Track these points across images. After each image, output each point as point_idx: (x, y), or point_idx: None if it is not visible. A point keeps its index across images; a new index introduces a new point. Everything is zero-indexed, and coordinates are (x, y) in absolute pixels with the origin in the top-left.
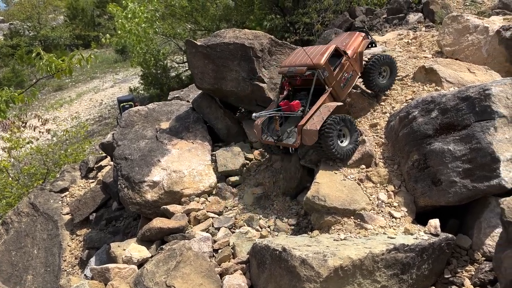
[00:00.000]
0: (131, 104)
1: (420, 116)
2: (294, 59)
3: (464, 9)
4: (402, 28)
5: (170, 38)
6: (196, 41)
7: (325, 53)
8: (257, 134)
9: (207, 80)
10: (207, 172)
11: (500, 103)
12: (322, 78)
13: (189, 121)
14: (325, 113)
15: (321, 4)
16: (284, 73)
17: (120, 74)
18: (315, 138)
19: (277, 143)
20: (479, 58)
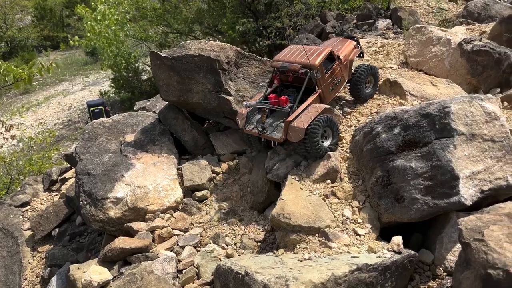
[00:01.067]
0: (101, 108)
1: (383, 132)
2: (288, 55)
3: (431, 16)
4: (372, 34)
5: (141, 41)
6: (160, 52)
7: (320, 54)
8: (240, 122)
9: (173, 93)
10: (173, 187)
11: (459, 120)
12: (314, 79)
13: (155, 133)
14: (313, 113)
15: (293, 8)
16: (277, 67)
17: (90, 76)
18: (301, 136)
19: (261, 135)
20: (442, 70)
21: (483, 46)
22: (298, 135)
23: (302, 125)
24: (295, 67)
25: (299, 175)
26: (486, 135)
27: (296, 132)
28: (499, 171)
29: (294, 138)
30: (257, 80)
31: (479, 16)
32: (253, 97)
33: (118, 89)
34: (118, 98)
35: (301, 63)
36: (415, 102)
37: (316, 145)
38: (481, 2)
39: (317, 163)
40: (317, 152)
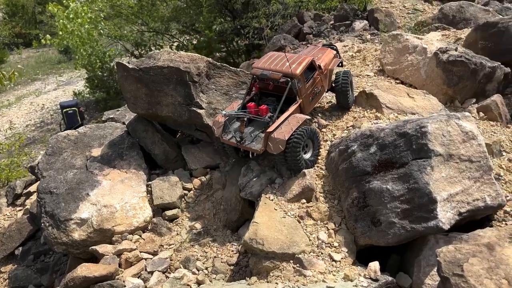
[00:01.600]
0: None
1: (359, 150)
2: (269, 63)
3: (407, 17)
4: (349, 36)
5: (116, 40)
6: (127, 63)
7: (302, 63)
8: (216, 130)
9: (141, 105)
10: (142, 205)
11: (436, 141)
12: (295, 88)
13: (123, 147)
14: (294, 124)
15: (270, 8)
16: (257, 75)
17: (64, 75)
18: (282, 148)
19: (240, 145)
20: (418, 79)
21: (458, 57)
22: (279, 146)
23: (283, 137)
24: (276, 75)
25: (274, 193)
26: (464, 155)
27: (276, 144)
28: (476, 192)
29: (274, 149)
30: (230, 91)
31: (454, 18)
32: (231, 105)
33: (93, 89)
34: (93, 99)
35: (282, 71)
36: (391, 115)
37: (297, 158)
38: (455, 4)
39: (291, 181)
40: (297, 165)
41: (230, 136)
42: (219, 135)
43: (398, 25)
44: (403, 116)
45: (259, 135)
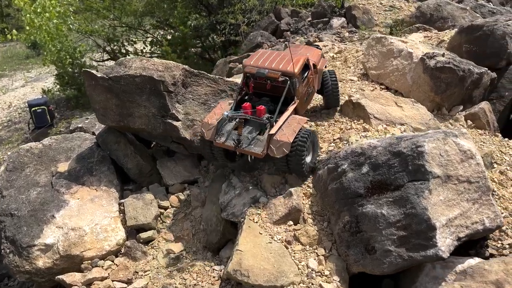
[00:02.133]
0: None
1: (350, 170)
2: (263, 61)
3: (384, 14)
4: (327, 33)
5: (87, 35)
6: (96, 71)
7: (298, 62)
8: (206, 133)
9: (111, 117)
10: (114, 227)
11: (433, 161)
12: (293, 88)
13: (93, 161)
14: (296, 126)
15: (247, 3)
16: (252, 74)
17: (32, 71)
18: (286, 151)
19: (238, 149)
20: (404, 84)
21: (446, 63)
22: (283, 150)
23: (287, 139)
24: (274, 74)
25: (258, 214)
26: (462, 176)
27: (280, 147)
28: (475, 214)
29: (277, 153)
30: (209, 100)
31: (432, 17)
32: (218, 105)
33: (63, 86)
34: (64, 96)
35: (280, 70)
36: (380, 126)
37: (301, 162)
38: (433, 3)
39: (277, 201)
40: (301, 169)
41: (224, 139)
42: (211, 138)
43: (375, 23)
44: (392, 128)
45: (257, 137)
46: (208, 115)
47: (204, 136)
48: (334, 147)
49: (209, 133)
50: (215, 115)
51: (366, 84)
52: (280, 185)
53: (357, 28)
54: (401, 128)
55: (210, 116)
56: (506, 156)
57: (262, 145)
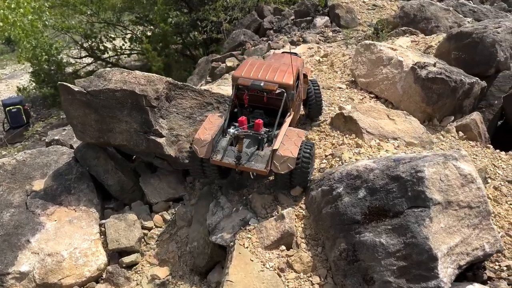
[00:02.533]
0: (19, 108)
1: (346, 194)
2: (255, 72)
3: (368, 13)
4: (311, 32)
5: (63, 32)
6: (72, 85)
7: (292, 72)
8: (199, 150)
9: (90, 133)
10: (94, 250)
11: (434, 187)
12: (289, 100)
13: (71, 178)
14: (296, 140)
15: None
16: (246, 86)
17: (7, 68)
18: (291, 167)
19: (239, 166)
20: (394, 94)
21: (438, 74)
22: (287, 165)
23: (291, 154)
24: (271, 86)
25: (248, 238)
26: (463, 202)
27: (284, 163)
28: (475, 240)
29: (282, 169)
30: (194, 114)
31: (415, 17)
32: (207, 120)
33: (39, 84)
34: (40, 94)
35: (276, 82)
36: (372, 141)
37: (307, 176)
38: (416, 3)
39: (268, 223)
40: (306, 183)
41: (220, 156)
42: (207, 155)
43: (359, 22)
44: (385, 143)
45: (257, 153)
46: (200, 131)
47: (198, 154)
48: (327, 164)
49: (203, 150)
50: (207, 130)
51: (355, 93)
52: (271, 205)
53: (340, 27)
54: (394, 143)
55: (201, 132)
56: (499, 170)
57: (264, 161)
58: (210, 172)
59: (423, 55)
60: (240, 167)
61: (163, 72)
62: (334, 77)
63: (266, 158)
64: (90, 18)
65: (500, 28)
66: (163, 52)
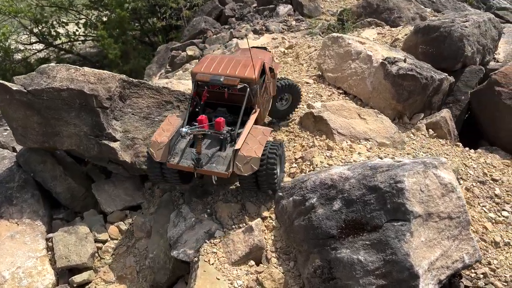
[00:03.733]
0: None
1: (320, 205)
2: (215, 67)
3: (330, 2)
4: (274, 21)
5: (10, 16)
6: (10, 83)
7: (256, 66)
8: (155, 154)
9: (33, 138)
10: (41, 269)
11: (414, 198)
12: (253, 96)
13: (13, 186)
14: (261, 138)
15: None
16: (206, 82)
17: None
18: (255, 168)
19: (198, 170)
20: (363, 90)
21: (409, 70)
22: (251, 166)
23: (254, 154)
24: (232, 81)
25: (214, 253)
26: (443, 213)
27: (247, 164)
28: (455, 252)
29: (245, 170)
30: (152, 114)
31: (378, 7)
32: (166, 121)
33: None
34: None
35: (237, 76)
36: (344, 143)
37: (273, 177)
38: None
39: (236, 236)
40: (273, 186)
41: (178, 159)
42: (163, 159)
43: (322, 11)
44: (357, 144)
45: (218, 154)
46: (156, 133)
47: (154, 158)
48: (297, 169)
49: (160, 154)
50: (164, 131)
51: (323, 88)
52: (239, 215)
53: (303, 16)
54: (366, 144)
55: (158, 133)
56: (470, 169)
57: (225, 162)
58: (170, 176)
59: (391, 49)
60: (199, 170)
61: (120, 60)
62: (300, 70)
63: (228, 160)
64: (39, 1)
65: (468, 22)
66: (119, 39)
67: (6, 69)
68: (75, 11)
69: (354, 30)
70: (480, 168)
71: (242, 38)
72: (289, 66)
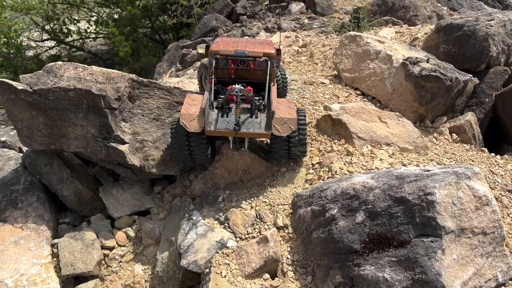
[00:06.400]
0: None
1: (341, 217)
2: (233, 45)
3: (343, 0)
4: (286, 19)
5: (23, 13)
6: (16, 82)
7: (270, 44)
8: (189, 125)
9: (39, 139)
10: (45, 277)
11: (446, 212)
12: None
13: (18, 189)
14: (290, 105)
15: None
16: (230, 55)
17: None
18: (293, 128)
19: (239, 133)
20: (383, 91)
21: (433, 71)
22: (289, 127)
23: (290, 115)
24: (256, 53)
25: (226, 265)
26: (477, 228)
27: (285, 124)
28: (489, 270)
29: (283, 131)
30: (162, 115)
31: (393, 5)
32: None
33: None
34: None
35: (259, 51)
36: (364, 148)
37: (306, 141)
38: None
39: (249, 246)
40: (305, 149)
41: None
42: (198, 129)
43: (335, 9)
44: (378, 150)
45: (250, 120)
46: (184, 107)
47: (188, 128)
48: (314, 175)
49: (194, 124)
50: (191, 106)
51: (340, 89)
52: (253, 223)
53: (316, 14)
54: (388, 149)
55: (186, 107)
56: (498, 177)
57: (262, 126)
58: (199, 151)
59: (411, 49)
60: (240, 133)
61: (131, 57)
62: (314, 69)
63: (264, 123)
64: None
65: (493, 21)
66: (130, 37)
67: (18, 66)
68: (86, 8)
69: (371, 28)
70: (508, 176)
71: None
72: (303, 66)
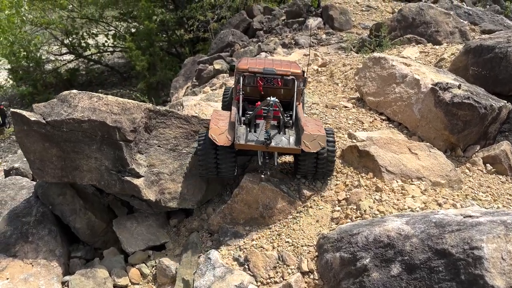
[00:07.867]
0: None
1: (374, 267)
2: (259, 64)
3: (361, 15)
4: (303, 34)
5: (42, 27)
6: (28, 112)
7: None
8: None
9: (51, 172)
10: None
11: (495, 269)
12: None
13: (30, 221)
14: (317, 123)
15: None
16: (259, 72)
17: None
18: (322, 145)
19: (269, 147)
20: (410, 117)
21: (466, 98)
22: (318, 143)
23: (320, 132)
24: (284, 72)
25: None
26: None
27: (315, 141)
28: None
29: (313, 147)
30: (179, 146)
31: (414, 21)
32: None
33: (17, 82)
34: (17, 93)
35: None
36: (394, 183)
37: (334, 160)
38: (415, 6)
39: None
40: (332, 170)
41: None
42: (229, 142)
43: (353, 24)
44: (409, 185)
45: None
46: (213, 122)
47: (216, 142)
48: (341, 213)
49: (223, 138)
50: (219, 120)
51: (364, 113)
52: (275, 267)
53: (334, 30)
54: (420, 185)
55: (215, 121)
56: None
57: (291, 142)
58: (226, 164)
59: (439, 71)
60: (271, 147)
61: (147, 71)
62: (335, 90)
63: (293, 139)
64: (71, 13)
65: None
66: (147, 51)
67: (37, 79)
68: (104, 22)
69: (393, 47)
70: None
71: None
72: (323, 86)
